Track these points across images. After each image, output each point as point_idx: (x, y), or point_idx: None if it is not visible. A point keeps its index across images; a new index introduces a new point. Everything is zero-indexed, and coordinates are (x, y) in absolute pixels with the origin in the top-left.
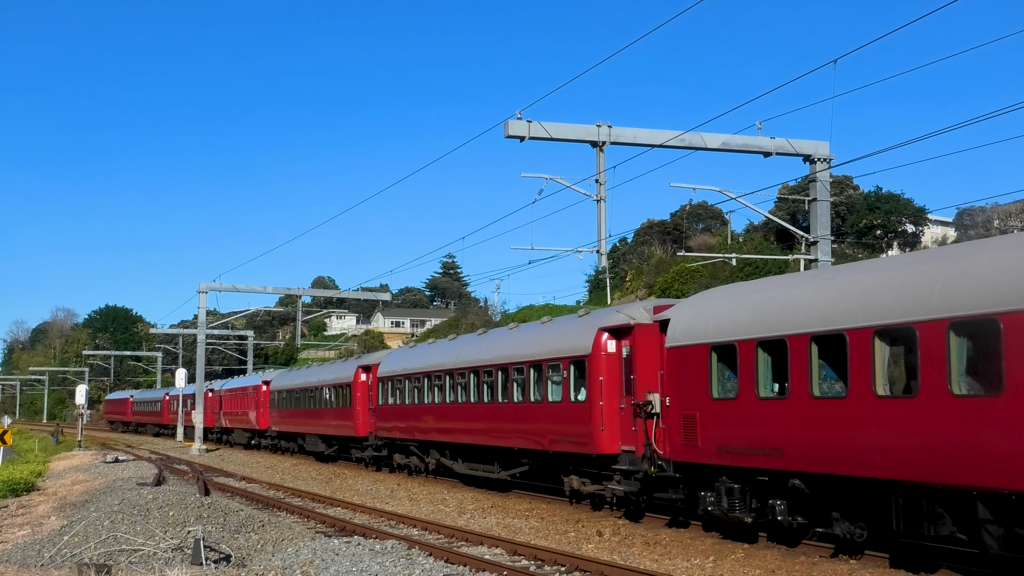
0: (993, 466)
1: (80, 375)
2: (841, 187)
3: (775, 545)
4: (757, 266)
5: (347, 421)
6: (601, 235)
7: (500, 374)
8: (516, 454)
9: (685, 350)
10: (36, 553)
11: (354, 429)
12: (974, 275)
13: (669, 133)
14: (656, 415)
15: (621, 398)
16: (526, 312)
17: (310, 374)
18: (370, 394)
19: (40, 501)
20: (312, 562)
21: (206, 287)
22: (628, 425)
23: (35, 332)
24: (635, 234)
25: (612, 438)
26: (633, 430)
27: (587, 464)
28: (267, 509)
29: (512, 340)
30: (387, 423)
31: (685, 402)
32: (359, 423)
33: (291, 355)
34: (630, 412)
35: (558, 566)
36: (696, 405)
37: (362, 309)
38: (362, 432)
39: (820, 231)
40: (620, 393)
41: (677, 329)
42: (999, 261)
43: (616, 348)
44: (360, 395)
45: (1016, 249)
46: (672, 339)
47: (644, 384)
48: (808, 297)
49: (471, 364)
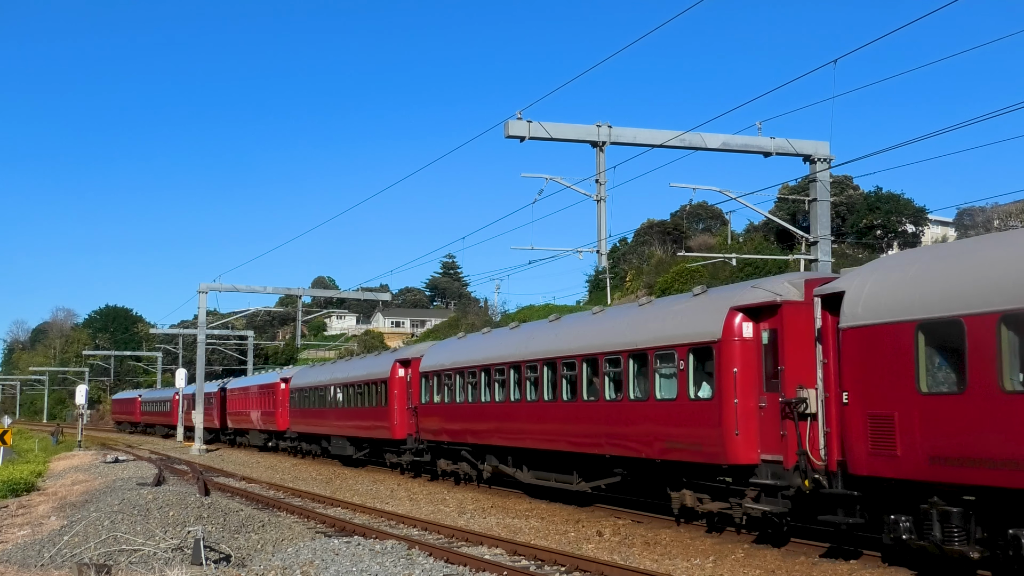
0: None
1: (80, 375)
2: (841, 187)
3: (775, 545)
4: (757, 266)
5: (382, 422)
6: (601, 235)
7: (585, 367)
8: (606, 462)
9: (873, 331)
10: (36, 553)
11: (391, 430)
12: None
13: (669, 133)
14: (810, 416)
15: (760, 395)
16: (526, 312)
17: (336, 370)
18: (409, 391)
19: (40, 501)
20: (312, 562)
21: (206, 287)
22: (770, 429)
23: (35, 332)
24: (635, 234)
25: (749, 445)
26: (781, 435)
27: (706, 476)
28: (267, 509)
29: (601, 326)
30: (431, 424)
31: (873, 399)
32: (396, 424)
33: (291, 355)
34: (773, 413)
35: (558, 566)
36: (892, 403)
37: (362, 309)
38: (400, 434)
39: (820, 231)
40: (759, 389)
41: (859, 304)
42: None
43: (754, 332)
44: (398, 392)
45: None
46: (851, 317)
47: (795, 377)
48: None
49: (545, 355)
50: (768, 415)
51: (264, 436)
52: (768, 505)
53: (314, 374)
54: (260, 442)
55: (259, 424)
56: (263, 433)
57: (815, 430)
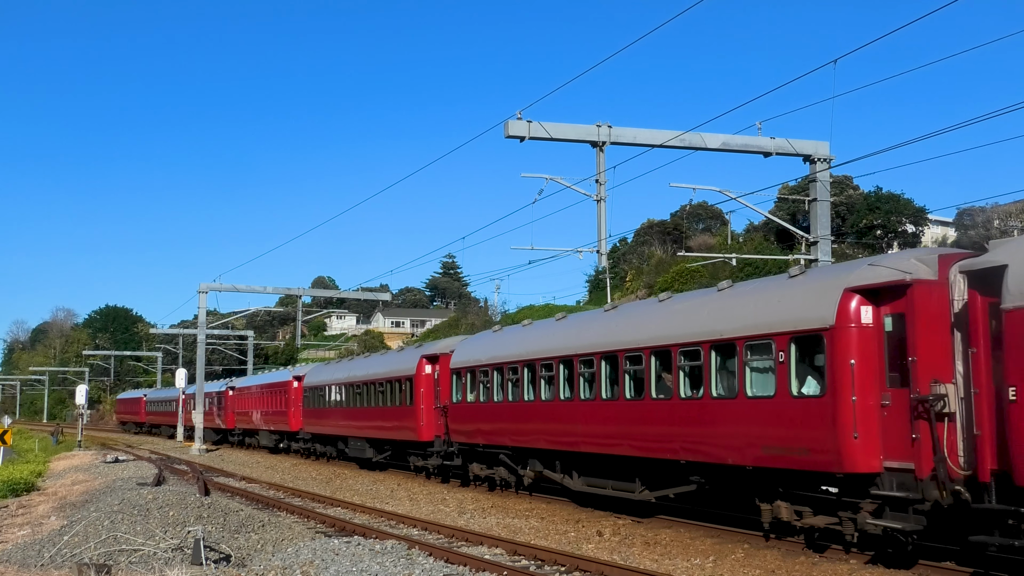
0: None
1: (80, 375)
2: (841, 187)
3: (775, 545)
4: (757, 266)
5: (408, 422)
6: (601, 235)
7: (653, 359)
8: (681, 468)
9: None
10: (36, 553)
11: (416, 432)
12: None
13: (669, 133)
14: (947, 416)
15: (883, 391)
16: (526, 312)
17: (355, 367)
18: (437, 389)
19: (40, 501)
20: (312, 562)
21: (206, 287)
22: (897, 431)
23: (35, 332)
24: (635, 234)
25: (870, 449)
26: (913, 438)
27: (807, 486)
28: (267, 509)
29: (669, 314)
30: (464, 425)
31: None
32: (423, 424)
33: (291, 355)
34: (901, 412)
35: (558, 566)
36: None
37: (362, 309)
38: (427, 436)
39: (820, 231)
40: (880, 384)
41: None
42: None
43: (874, 318)
44: (425, 391)
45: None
46: (1019, 296)
47: (928, 370)
48: None
49: (600, 348)
50: (895, 415)
51: (275, 437)
52: (895, 521)
53: (330, 371)
54: (271, 443)
55: (268, 424)
56: (274, 434)
57: (953, 432)
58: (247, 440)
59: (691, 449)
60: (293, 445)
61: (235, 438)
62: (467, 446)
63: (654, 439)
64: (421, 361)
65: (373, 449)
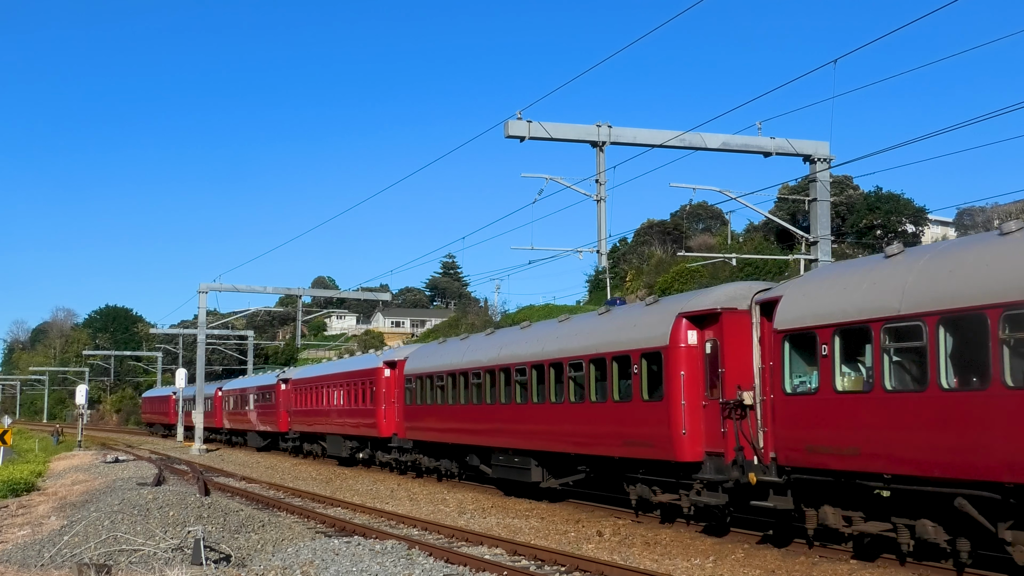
0: None
1: (80, 375)
2: (841, 187)
3: (775, 545)
4: (757, 266)
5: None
6: (601, 235)
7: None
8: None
9: None
10: (36, 553)
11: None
12: None
13: (669, 133)
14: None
15: (703, 397)
16: (526, 312)
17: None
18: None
19: (40, 501)
20: (312, 562)
21: (206, 287)
22: (713, 427)
23: (35, 332)
24: (635, 234)
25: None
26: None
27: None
28: (267, 509)
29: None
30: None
31: None
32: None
33: (291, 355)
34: (715, 413)
35: (558, 566)
36: None
37: (362, 309)
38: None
39: (820, 231)
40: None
41: None
42: None
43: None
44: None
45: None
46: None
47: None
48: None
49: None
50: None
51: (352, 445)
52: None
53: (459, 351)
54: (344, 452)
55: (342, 427)
56: (351, 440)
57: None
58: (307, 446)
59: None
60: (381, 456)
61: (289, 443)
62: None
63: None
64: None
65: (545, 470)
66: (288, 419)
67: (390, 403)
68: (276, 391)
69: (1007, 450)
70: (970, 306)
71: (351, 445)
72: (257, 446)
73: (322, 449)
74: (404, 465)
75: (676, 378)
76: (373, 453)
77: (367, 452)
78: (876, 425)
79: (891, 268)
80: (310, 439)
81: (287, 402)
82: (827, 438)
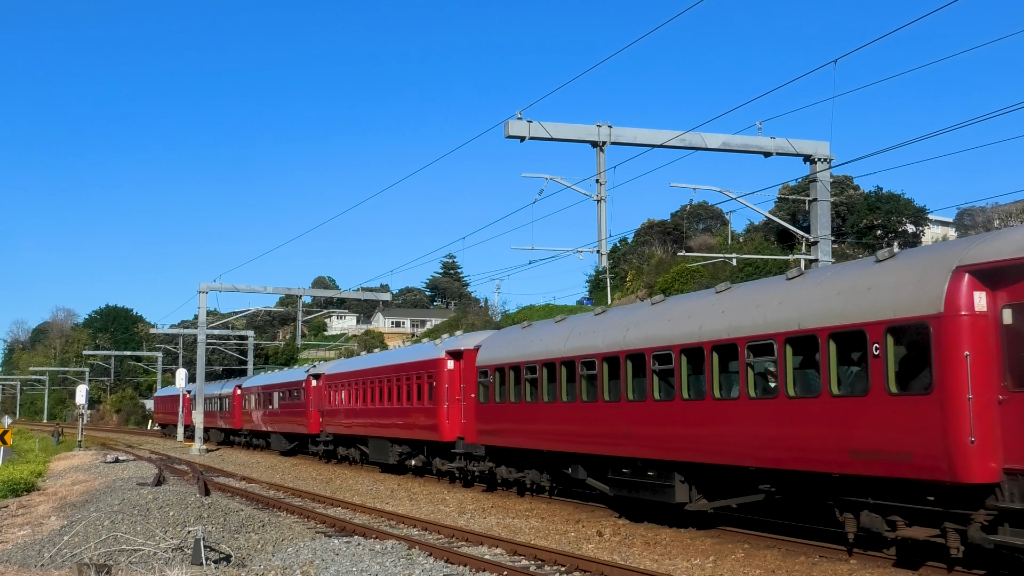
0: None
1: (80, 375)
2: (841, 187)
3: (775, 545)
4: (757, 266)
5: None
6: (601, 235)
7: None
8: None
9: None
10: (36, 553)
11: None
12: None
13: (669, 133)
14: None
15: None
16: (526, 312)
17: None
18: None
19: (40, 501)
20: (312, 562)
21: (206, 287)
22: None
23: (35, 332)
24: (635, 234)
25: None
26: None
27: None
28: (267, 509)
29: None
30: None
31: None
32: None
33: (291, 355)
34: None
35: (558, 566)
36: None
37: (362, 309)
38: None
39: (820, 231)
40: None
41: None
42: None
43: None
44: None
45: None
46: None
47: None
48: None
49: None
50: None
51: (402, 450)
52: None
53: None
54: (393, 459)
55: (390, 429)
56: (400, 444)
57: None
58: (341, 450)
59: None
60: (441, 464)
61: (320, 447)
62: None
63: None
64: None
65: (693, 487)
66: (320, 420)
67: (454, 401)
68: (306, 388)
69: None
70: None
71: (401, 450)
72: (281, 450)
73: (362, 454)
74: (472, 475)
75: (957, 361)
76: (429, 460)
77: (421, 459)
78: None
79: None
80: (347, 442)
81: (319, 400)
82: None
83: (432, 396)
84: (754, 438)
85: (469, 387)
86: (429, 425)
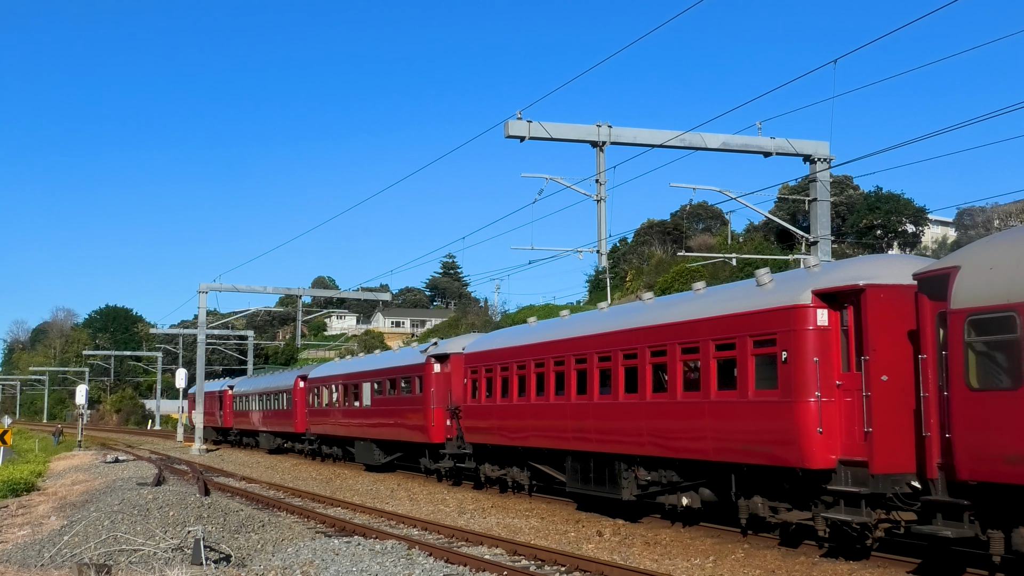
0: None
1: (80, 375)
2: (841, 187)
3: (775, 545)
4: (757, 266)
5: None
6: (601, 235)
7: None
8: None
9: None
10: (36, 553)
11: None
12: None
13: (669, 133)
14: None
15: None
16: (527, 312)
17: None
18: None
19: (40, 501)
20: (312, 562)
21: (206, 287)
22: None
23: (35, 332)
24: (635, 234)
25: None
26: None
27: None
28: (267, 509)
29: None
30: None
31: None
32: None
33: (291, 355)
34: None
35: (558, 566)
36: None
37: (362, 309)
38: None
39: (820, 231)
40: None
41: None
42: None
43: None
44: None
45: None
46: None
47: None
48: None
49: None
50: None
51: None
52: None
53: None
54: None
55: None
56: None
57: None
58: (325, 449)
59: None
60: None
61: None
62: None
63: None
64: None
65: None
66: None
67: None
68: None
69: None
70: None
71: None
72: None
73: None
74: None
75: None
76: (417, 460)
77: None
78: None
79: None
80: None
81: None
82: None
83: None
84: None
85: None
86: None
